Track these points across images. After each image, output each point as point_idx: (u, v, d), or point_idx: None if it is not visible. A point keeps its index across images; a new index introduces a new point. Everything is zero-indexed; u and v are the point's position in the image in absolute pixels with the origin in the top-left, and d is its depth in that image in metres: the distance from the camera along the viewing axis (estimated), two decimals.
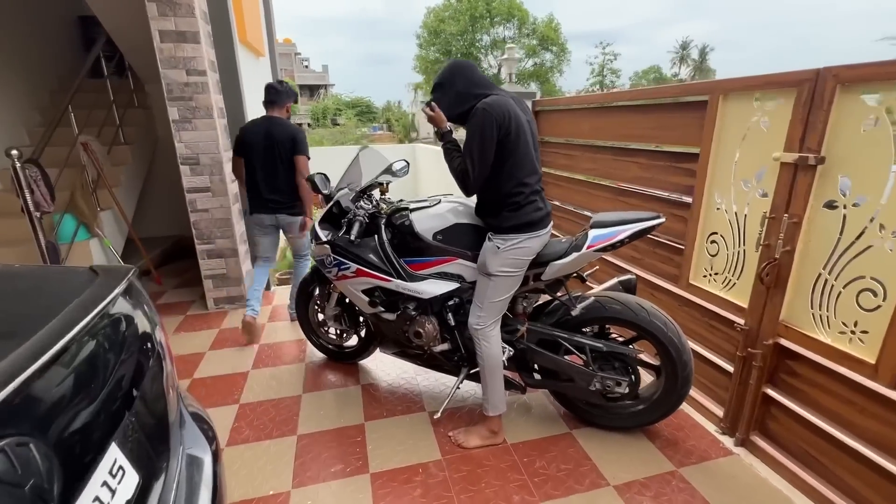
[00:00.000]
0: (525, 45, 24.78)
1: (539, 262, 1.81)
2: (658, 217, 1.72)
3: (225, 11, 3.11)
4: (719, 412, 2.03)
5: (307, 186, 2.45)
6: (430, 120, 1.78)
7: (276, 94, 2.75)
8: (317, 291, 2.56)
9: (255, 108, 3.73)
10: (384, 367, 2.56)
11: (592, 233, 1.75)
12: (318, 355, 2.69)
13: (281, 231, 2.94)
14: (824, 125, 1.50)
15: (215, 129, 3.03)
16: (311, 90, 47.53)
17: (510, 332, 1.95)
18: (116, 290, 0.73)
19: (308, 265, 3.05)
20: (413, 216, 1.98)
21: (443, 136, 1.79)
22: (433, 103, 1.75)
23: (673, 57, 42.25)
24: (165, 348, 0.91)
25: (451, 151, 1.77)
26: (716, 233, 2.00)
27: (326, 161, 2.91)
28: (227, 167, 3.21)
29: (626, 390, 1.85)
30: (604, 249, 1.73)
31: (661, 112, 2.26)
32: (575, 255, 1.74)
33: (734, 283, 1.93)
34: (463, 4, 23.87)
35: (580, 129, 2.96)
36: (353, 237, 1.95)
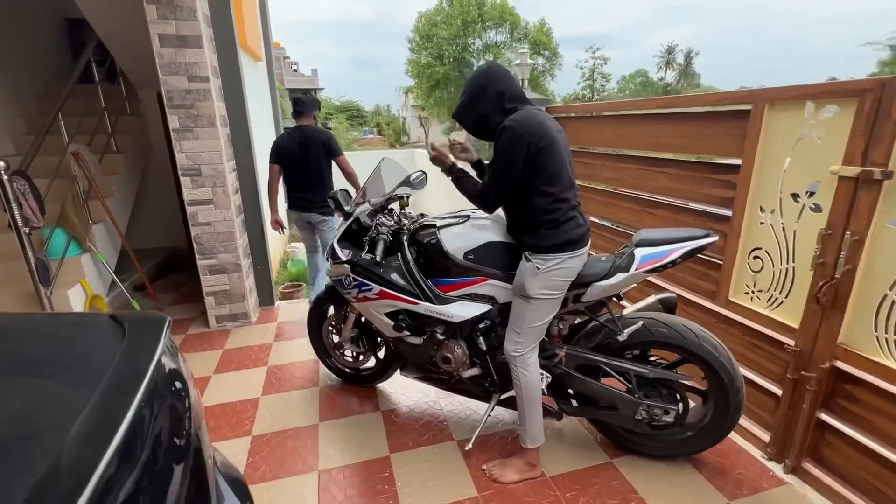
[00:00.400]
0: (517, 49, 24.81)
1: (579, 283, 1.70)
2: (710, 235, 1.62)
3: (227, 14, 2.96)
4: (764, 437, 1.92)
5: (353, 179, 3.02)
6: (433, 160, 1.79)
7: (303, 105, 3.01)
8: (331, 311, 2.41)
9: (257, 115, 3.58)
10: (403, 390, 2.41)
11: (640, 252, 1.63)
12: (332, 377, 2.54)
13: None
14: (892, 138, 1.41)
15: (218, 139, 2.87)
16: None
17: (547, 356, 1.82)
18: (157, 354, 0.59)
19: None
20: (441, 234, 1.84)
21: (450, 171, 1.76)
22: (434, 145, 1.78)
23: (659, 61, 42.76)
24: (201, 416, 0.77)
25: (462, 180, 1.74)
26: (759, 248, 1.90)
27: None
28: (231, 178, 3.05)
29: (673, 419, 1.74)
30: (653, 270, 1.62)
31: (695, 121, 2.16)
32: (622, 276, 1.62)
33: (781, 302, 1.84)
34: (455, 9, 23.84)
35: (601, 137, 2.86)
36: (378, 258, 1.81)
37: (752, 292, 1.95)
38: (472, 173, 1.83)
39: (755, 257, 1.92)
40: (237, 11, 3.29)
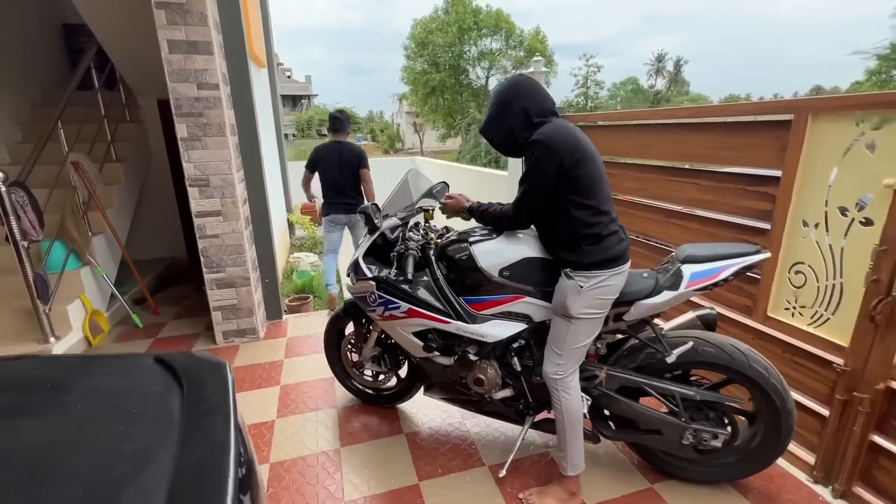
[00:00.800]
0: (513, 57, 24.97)
1: (621, 301, 1.61)
2: (762, 251, 1.55)
3: (237, 20, 2.87)
4: (809, 459, 1.85)
5: (370, 189, 3.51)
6: (449, 210, 1.86)
7: (340, 123, 3.44)
8: (348, 329, 2.30)
9: (262, 123, 3.48)
10: (426, 410, 2.31)
11: (688, 269, 1.56)
12: (348, 396, 2.43)
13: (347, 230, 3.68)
14: None
15: (227, 148, 2.76)
16: (294, 101, 47.09)
17: (587, 378, 1.73)
18: (233, 423, 0.49)
19: None
20: (475, 249, 1.75)
21: (470, 212, 1.81)
22: (448, 196, 1.91)
23: (649, 69, 43.27)
24: (247, 432, 0.67)
25: (485, 212, 1.75)
26: (801, 262, 1.84)
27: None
28: (240, 188, 2.94)
29: (722, 444, 1.65)
30: (704, 288, 1.54)
31: (728, 131, 2.10)
32: (671, 294, 1.54)
33: (827, 319, 1.77)
34: (451, 16, 23.95)
35: (622, 147, 2.80)
36: (410, 275, 1.72)
37: (794, 308, 1.89)
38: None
39: (797, 272, 1.86)
40: (244, 17, 3.20)
